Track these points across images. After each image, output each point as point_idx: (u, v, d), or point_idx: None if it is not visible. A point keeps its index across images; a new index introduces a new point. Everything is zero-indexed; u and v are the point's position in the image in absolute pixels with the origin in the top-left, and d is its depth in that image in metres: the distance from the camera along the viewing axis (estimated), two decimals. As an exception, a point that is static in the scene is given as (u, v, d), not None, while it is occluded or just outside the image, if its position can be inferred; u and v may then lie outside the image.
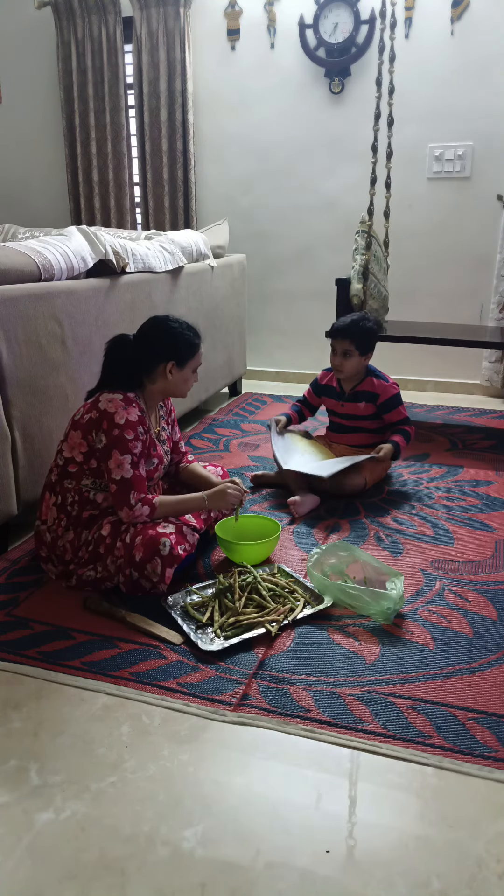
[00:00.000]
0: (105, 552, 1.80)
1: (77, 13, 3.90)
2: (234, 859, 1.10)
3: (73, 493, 1.84)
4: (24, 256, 2.05)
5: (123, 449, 1.75)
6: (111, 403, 1.77)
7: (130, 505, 1.77)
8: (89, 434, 1.79)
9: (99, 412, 1.77)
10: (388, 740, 1.33)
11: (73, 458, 1.82)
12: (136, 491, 1.77)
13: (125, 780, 1.26)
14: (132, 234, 3.32)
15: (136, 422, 1.78)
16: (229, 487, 1.89)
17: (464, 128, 3.52)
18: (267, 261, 4.04)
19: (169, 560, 1.75)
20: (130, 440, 1.76)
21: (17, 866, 1.10)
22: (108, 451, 1.76)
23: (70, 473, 1.83)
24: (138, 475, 1.78)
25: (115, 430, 1.75)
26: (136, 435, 1.78)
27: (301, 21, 3.58)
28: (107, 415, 1.76)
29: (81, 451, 1.81)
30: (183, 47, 3.75)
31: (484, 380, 3.81)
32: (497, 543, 2.12)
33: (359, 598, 1.71)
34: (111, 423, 1.75)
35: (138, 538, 1.76)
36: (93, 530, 1.83)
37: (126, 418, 1.76)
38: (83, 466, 1.82)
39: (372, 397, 2.53)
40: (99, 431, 1.77)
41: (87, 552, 1.82)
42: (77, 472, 1.82)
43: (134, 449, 1.77)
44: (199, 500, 1.87)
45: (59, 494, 1.85)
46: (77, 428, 1.82)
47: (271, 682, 1.49)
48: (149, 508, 1.79)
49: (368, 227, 2.94)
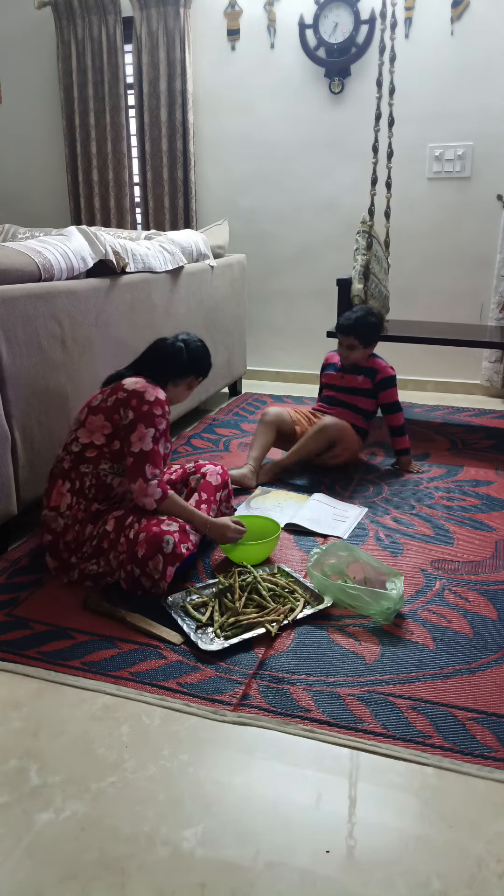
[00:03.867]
0: (108, 547, 1.81)
1: (77, 13, 3.90)
2: (234, 859, 1.10)
3: (91, 478, 1.86)
4: (24, 256, 2.05)
5: (149, 423, 1.80)
6: (138, 384, 1.83)
7: (146, 477, 1.79)
8: (116, 413, 1.82)
9: (126, 392, 1.82)
10: (388, 740, 1.33)
11: (93, 443, 1.85)
12: (152, 465, 1.81)
13: (125, 780, 1.26)
14: (132, 234, 3.32)
15: (163, 400, 1.85)
16: (233, 528, 1.90)
17: (464, 128, 3.52)
18: (267, 261, 4.04)
19: (171, 558, 1.75)
20: (158, 416, 1.82)
21: (17, 866, 1.10)
22: (133, 425, 1.80)
23: (87, 458, 1.86)
24: (157, 450, 1.82)
25: (145, 406, 1.80)
26: (163, 413, 1.84)
27: (301, 21, 3.58)
28: (136, 393, 1.81)
29: (104, 434, 1.84)
30: (183, 47, 3.75)
31: (484, 380, 3.81)
32: (497, 543, 2.12)
33: (359, 598, 1.71)
34: (140, 400, 1.80)
35: (142, 535, 1.77)
36: (97, 525, 1.84)
37: (156, 396, 1.83)
38: (103, 449, 1.84)
39: (371, 372, 2.69)
40: (127, 409, 1.81)
41: (90, 547, 1.83)
42: (96, 455, 1.85)
43: (159, 425, 1.82)
44: (203, 522, 1.89)
45: (74, 480, 1.87)
46: (98, 412, 1.84)
47: (271, 682, 1.49)
48: (161, 492, 1.82)
49: (369, 227, 2.94)
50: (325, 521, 2.25)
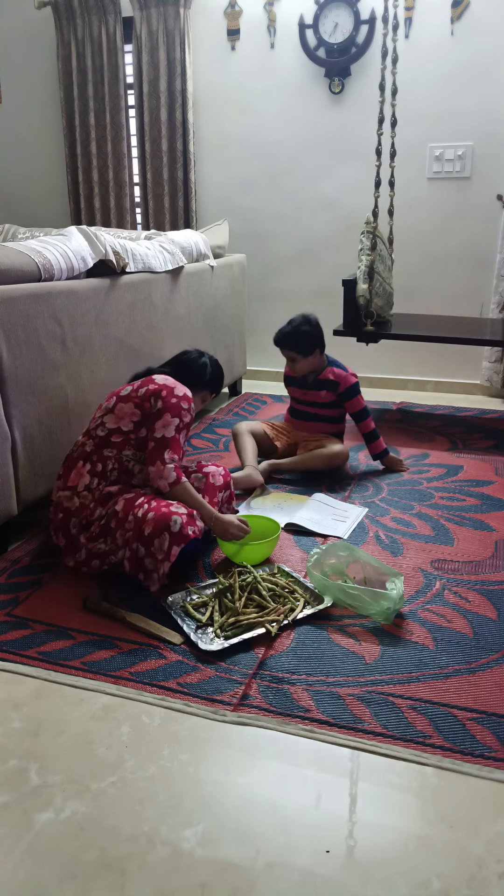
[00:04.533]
0: (116, 525, 1.84)
1: (77, 13, 3.90)
2: (234, 859, 1.10)
3: (114, 461, 1.93)
4: (24, 256, 2.05)
5: (175, 413, 1.90)
6: (168, 380, 1.95)
7: (164, 460, 1.87)
8: (146, 401, 1.91)
9: (158, 384, 1.92)
10: (388, 740, 1.33)
11: (119, 428, 1.92)
12: (172, 451, 1.88)
13: (125, 780, 1.26)
14: (132, 234, 3.32)
15: (191, 398, 1.96)
16: (237, 526, 1.92)
17: (464, 128, 3.52)
18: (267, 261, 4.04)
19: (177, 538, 1.76)
20: (184, 409, 1.92)
21: (17, 866, 1.10)
22: (160, 413, 1.89)
23: (112, 443, 1.92)
24: (177, 439, 1.90)
25: (174, 399, 1.90)
26: (189, 408, 1.95)
27: (301, 21, 3.58)
28: (166, 387, 1.92)
29: (133, 420, 1.92)
30: (183, 47, 3.75)
31: (484, 380, 3.81)
32: (497, 543, 2.12)
33: (359, 598, 1.71)
34: (170, 394, 1.91)
35: (150, 514, 1.79)
36: (108, 506, 1.88)
37: (185, 392, 1.94)
38: (129, 436, 1.92)
39: (332, 385, 2.68)
40: (157, 398, 1.90)
41: (98, 526, 1.87)
42: (121, 441, 1.92)
43: (184, 417, 1.92)
44: (210, 515, 1.91)
45: (96, 462, 1.92)
46: (128, 400, 1.93)
47: (271, 682, 1.49)
48: (176, 476, 1.87)
49: (373, 228, 2.94)
50: (325, 521, 2.25)
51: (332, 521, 2.26)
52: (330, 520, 2.26)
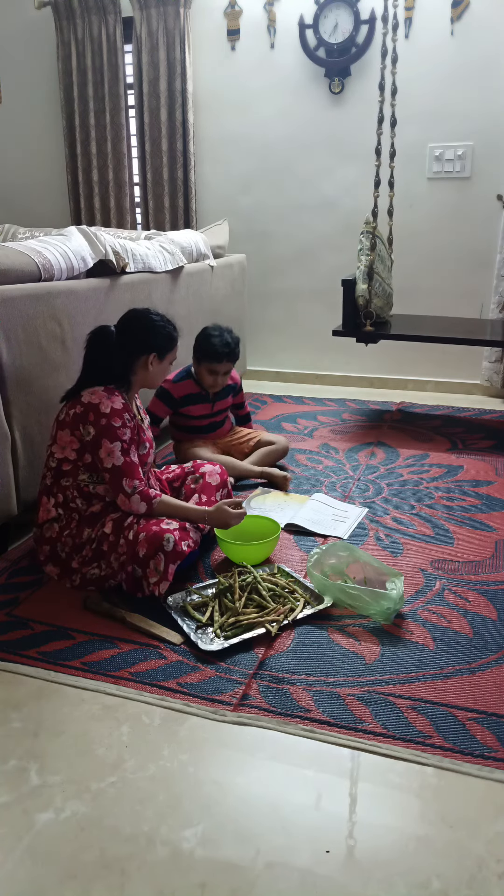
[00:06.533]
0: (108, 549, 1.80)
1: (77, 13, 3.90)
2: (234, 859, 1.10)
3: (73, 490, 1.85)
4: (24, 256, 2.05)
5: (112, 437, 1.78)
6: (94, 396, 1.80)
7: (125, 492, 1.79)
8: (76, 429, 1.80)
9: (83, 406, 1.79)
10: (388, 740, 1.33)
11: (66, 458, 1.83)
12: (129, 477, 1.80)
13: (125, 780, 1.26)
14: (132, 234, 3.32)
15: (121, 409, 1.81)
16: (232, 513, 1.87)
17: (464, 128, 3.52)
18: (267, 261, 4.04)
19: (172, 556, 1.75)
20: (118, 427, 1.79)
21: (17, 866, 1.10)
22: (97, 441, 1.78)
23: (65, 472, 1.84)
24: (129, 461, 1.81)
25: (103, 420, 1.77)
26: (124, 422, 1.81)
27: (301, 21, 3.58)
28: (91, 406, 1.78)
29: (73, 449, 1.82)
30: (183, 47, 3.75)
31: (484, 380, 3.81)
32: (497, 543, 2.12)
33: (359, 598, 1.71)
34: (97, 414, 1.78)
35: (142, 534, 1.76)
36: (95, 528, 1.83)
37: (111, 406, 1.79)
38: (77, 463, 1.83)
39: (232, 388, 2.75)
40: (86, 424, 1.79)
41: (90, 550, 1.82)
42: (72, 469, 1.84)
43: (123, 436, 1.80)
44: (200, 515, 1.88)
45: (57, 494, 1.86)
46: (63, 427, 1.83)
47: (271, 682, 1.49)
48: (146, 505, 1.81)
49: (373, 228, 2.94)
50: (325, 521, 2.25)
51: (332, 521, 2.26)
52: (330, 520, 2.26)
